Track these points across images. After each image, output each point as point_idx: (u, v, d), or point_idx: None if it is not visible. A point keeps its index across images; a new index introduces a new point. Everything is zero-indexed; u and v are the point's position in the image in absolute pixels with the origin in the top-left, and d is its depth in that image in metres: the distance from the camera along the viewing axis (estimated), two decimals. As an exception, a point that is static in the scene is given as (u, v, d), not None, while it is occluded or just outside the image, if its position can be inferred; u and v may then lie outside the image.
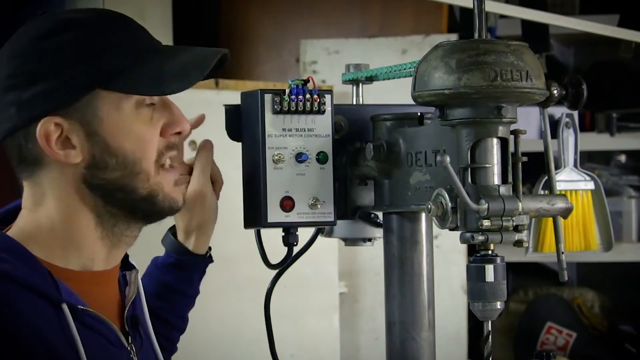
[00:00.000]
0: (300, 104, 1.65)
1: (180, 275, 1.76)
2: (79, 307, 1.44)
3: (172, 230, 1.77)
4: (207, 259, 1.78)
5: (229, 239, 2.68)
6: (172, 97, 1.53)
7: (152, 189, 1.50)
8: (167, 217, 1.58)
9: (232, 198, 1.87)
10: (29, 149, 1.47)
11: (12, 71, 1.46)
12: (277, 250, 1.71)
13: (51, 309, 1.41)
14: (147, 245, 1.63)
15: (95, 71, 1.45)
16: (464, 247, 3.41)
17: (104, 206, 1.49)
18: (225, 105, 1.71)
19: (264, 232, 1.73)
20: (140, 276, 1.64)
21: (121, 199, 1.49)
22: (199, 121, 1.73)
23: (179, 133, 1.54)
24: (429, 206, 1.49)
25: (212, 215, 1.73)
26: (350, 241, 1.80)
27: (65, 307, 1.42)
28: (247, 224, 1.70)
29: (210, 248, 1.79)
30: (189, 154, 1.64)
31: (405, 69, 1.68)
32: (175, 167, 1.55)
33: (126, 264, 1.61)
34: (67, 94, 1.45)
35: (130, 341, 1.53)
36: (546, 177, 1.63)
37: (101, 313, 1.48)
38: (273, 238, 1.73)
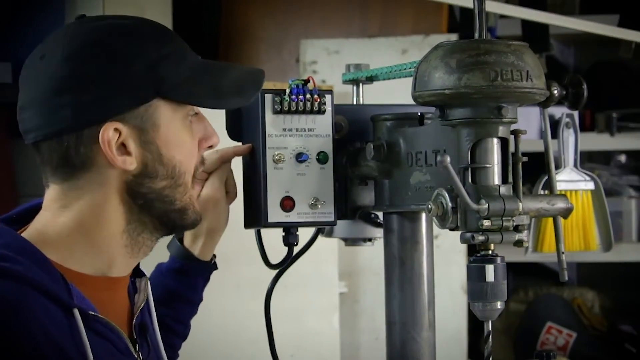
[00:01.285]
0: (301, 104, 1.65)
1: (185, 281, 1.75)
2: (90, 312, 1.44)
3: (178, 236, 1.77)
4: (211, 265, 1.78)
5: (229, 239, 2.68)
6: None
7: (187, 202, 1.52)
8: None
9: (232, 198, 1.86)
10: (79, 152, 1.45)
11: (68, 73, 1.44)
12: (277, 250, 1.71)
13: (62, 313, 1.41)
14: (153, 252, 1.62)
15: (157, 80, 1.46)
16: (464, 247, 3.41)
17: (139, 214, 1.49)
18: (226, 105, 1.71)
19: (264, 232, 1.73)
20: (149, 283, 1.62)
21: (158, 208, 1.50)
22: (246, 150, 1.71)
23: (211, 146, 1.57)
24: (429, 206, 1.49)
25: (222, 222, 1.73)
26: (350, 241, 1.80)
27: (76, 312, 1.41)
28: (247, 224, 1.70)
29: (214, 255, 1.78)
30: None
31: (405, 69, 1.68)
32: (199, 181, 1.60)
33: (136, 271, 1.60)
34: (128, 100, 1.45)
35: (137, 349, 1.52)
36: (546, 177, 1.63)
37: (111, 319, 1.47)
38: (273, 238, 1.73)
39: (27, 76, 1.49)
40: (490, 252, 1.49)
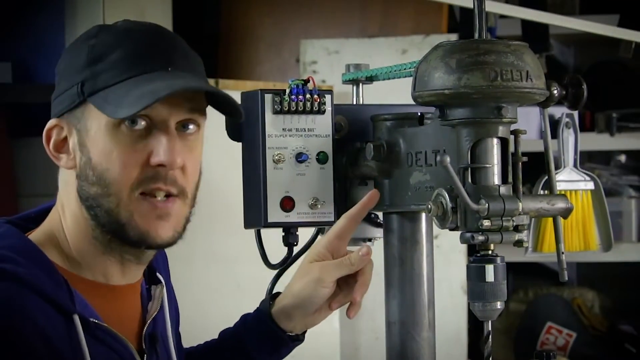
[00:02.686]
0: (300, 104, 1.65)
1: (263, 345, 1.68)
2: (92, 320, 1.43)
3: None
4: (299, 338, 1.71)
5: (229, 239, 2.69)
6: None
7: (124, 216, 1.45)
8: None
9: (232, 198, 1.87)
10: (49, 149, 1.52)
11: (56, 68, 1.52)
12: (277, 250, 1.71)
13: (62, 318, 1.40)
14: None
15: (89, 82, 1.46)
16: (464, 247, 3.41)
17: (91, 219, 1.47)
18: (226, 105, 1.70)
19: (264, 232, 1.73)
20: (165, 291, 1.60)
21: (100, 217, 1.46)
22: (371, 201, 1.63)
23: (161, 165, 1.46)
24: (429, 206, 1.49)
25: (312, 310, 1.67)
26: (350, 241, 1.79)
27: (76, 318, 1.41)
28: (247, 224, 1.70)
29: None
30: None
31: (405, 69, 1.68)
32: (163, 202, 1.47)
33: (152, 278, 1.58)
34: (68, 99, 1.48)
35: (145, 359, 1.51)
36: (546, 177, 1.63)
37: (118, 328, 1.46)
38: (273, 238, 1.73)
39: None
40: (490, 252, 1.49)
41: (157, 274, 1.59)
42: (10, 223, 1.50)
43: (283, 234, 1.69)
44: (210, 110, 1.55)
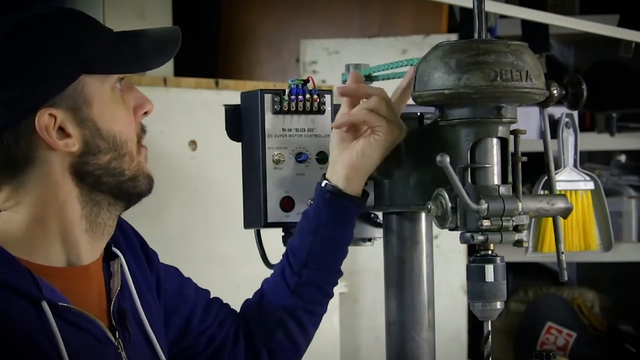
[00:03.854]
0: (300, 104, 1.65)
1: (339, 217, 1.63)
2: (60, 304, 1.44)
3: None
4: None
5: (229, 239, 2.68)
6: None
7: (136, 169, 1.53)
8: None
9: (232, 198, 1.87)
10: (20, 147, 1.46)
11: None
12: (277, 250, 1.71)
13: (31, 307, 1.41)
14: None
15: (78, 57, 1.47)
16: (464, 247, 3.41)
17: (90, 194, 1.50)
18: (225, 105, 1.71)
19: (263, 232, 1.73)
20: (124, 264, 1.59)
21: (108, 182, 1.50)
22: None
23: (146, 113, 1.57)
24: (429, 206, 1.49)
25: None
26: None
27: (45, 304, 1.42)
28: (247, 224, 1.70)
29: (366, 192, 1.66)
30: (189, 154, 1.63)
31: (403, 65, 1.67)
32: (145, 147, 1.58)
33: (109, 254, 1.58)
34: (54, 84, 1.46)
35: (117, 336, 1.52)
36: (546, 177, 1.63)
37: (87, 308, 1.47)
38: (273, 238, 1.73)
39: None
40: (490, 252, 1.49)
41: (113, 248, 1.59)
42: None
43: (283, 234, 1.69)
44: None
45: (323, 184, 1.60)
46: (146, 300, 1.61)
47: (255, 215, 1.66)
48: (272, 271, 1.75)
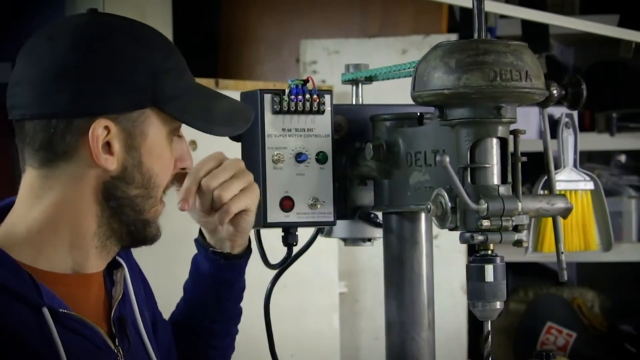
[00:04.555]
0: (300, 104, 1.65)
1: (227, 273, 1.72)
2: (61, 310, 1.43)
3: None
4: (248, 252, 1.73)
5: (229, 239, 2.68)
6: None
7: (153, 216, 1.52)
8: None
9: (231, 198, 1.86)
10: (65, 139, 1.44)
11: (73, 61, 1.43)
12: (277, 250, 1.71)
13: (31, 312, 1.40)
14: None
15: (156, 89, 1.46)
16: (464, 247, 3.41)
17: (109, 218, 1.49)
18: (225, 105, 1.70)
19: (263, 232, 1.72)
20: (126, 273, 1.60)
21: (128, 215, 1.49)
22: None
23: (184, 168, 1.56)
24: (429, 206, 1.49)
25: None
26: (350, 241, 1.80)
27: (45, 310, 1.41)
28: (247, 224, 1.70)
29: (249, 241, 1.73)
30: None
31: (404, 69, 1.68)
32: (164, 203, 1.56)
33: (112, 263, 1.58)
34: (126, 102, 1.45)
35: (117, 344, 1.51)
36: (546, 177, 1.63)
37: (88, 316, 1.47)
38: (273, 238, 1.73)
39: (30, 53, 1.48)
40: (489, 252, 1.49)
41: (117, 257, 1.58)
42: None
43: (282, 234, 1.69)
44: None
45: (210, 253, 1.68)
46: (141, 310, 1.61)
47: (255, 215, 1.66)
48: (271, 271, 1.75)
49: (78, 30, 1.46)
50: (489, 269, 1.48)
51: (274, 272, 1.76)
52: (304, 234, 1.72)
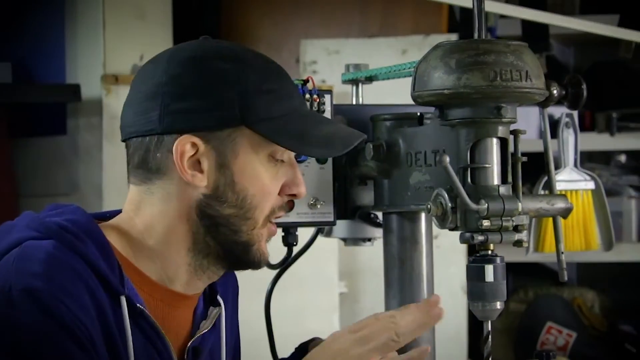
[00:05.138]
0: (300, 104, 1.65)
1: None
2: (138, 305, 1.45)
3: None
4: None
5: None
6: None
7: (252, 238, 1.50)
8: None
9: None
10: (156, 157, 1.47)
11: (165, 79, 1.47)
12: (277, 250, 1.71)
13: (109, 297, 1.42)
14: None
15: (248, 108, 1.46)
16: (464, 247, 3.41)
17: (205, 235, 1.49)
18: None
19: (263, 232, 1.72)
20: (223, 314, 1.61)
21: (223, 234, 1.49)
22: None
23: (294, 195, 1.53)
24: (429, 206, 1.49)
25: None
26: (350, 241, 1.80)
27: (123, 300, 1.43)
28: (247, 224, 1.70)
29: None
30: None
31: (405, 69, 1.68)
32: (274, 226, 1.54)
33: (213, 300, 1.60)
34: (214, 120, 1.46)
35: None
36: (546, 177, 1.63)
37: (166, 331, 1.48)
38: (273, 238, 1.73)
39: (137, 76, 1.53)
40: (489, 252, 1.49)
41: (218, 297, 1.60)
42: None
43: (283, 234, 1.69)
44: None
45: None
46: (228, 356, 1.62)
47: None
48: (272, 271, 1.75)
49: (176, 52, 1.50)
50: (489, 269, 1.48)
51: (274, 272, 1.76)
52: (304, 234, 1.72)
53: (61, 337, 1.35)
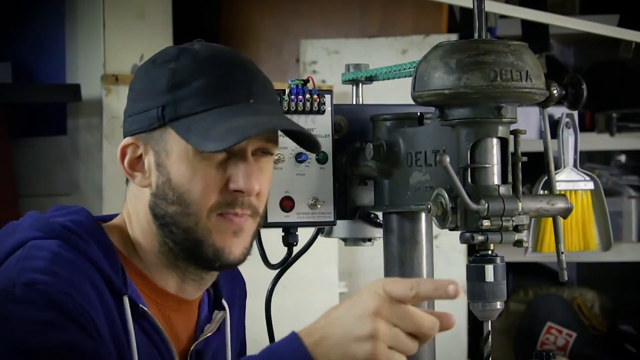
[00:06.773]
0: (300, 104, 1.65)
1: None
2: (140, 306, 1.46)
3: None
4: None
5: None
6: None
7: (199, 233, 1.49)
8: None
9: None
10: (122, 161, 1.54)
11: (130, 85, 1.54)
12: (277, 250, 1.71)
13: (112, 297, 1.44)
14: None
15: (171, 107, 1.48)
16: (464, 247, 3.41)
17: (163, 237, 1.51)
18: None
19: (263, 232, 1.72)
20: (227, 318, 1.61)
21: (175, 233, 1.50)
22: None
23: (238, 192, 1.49)
24: (429, 206, 1.49)
25: None
26: (350, 241, 1.80)
27: (126, 300, 1.45)
28: (247, 224, 1.70)
29: None
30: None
31: (405, 69, 1.68)
32: (238, 217, 1.50)
33: (218, 304, 1.61)
34: (148, 121, 1.49)
35: None
36: (546, 177, 1.63)
37: (167, 334, 1.49)
38: (273, 238, 1.73)
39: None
40: (489, 252, 1.49)
41: (223, 301, 1.61)
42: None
43: (283, 234, 1.69)
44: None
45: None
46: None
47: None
48: (272, 271, 1.75)
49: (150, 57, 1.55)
50: (489, 269, 1.48)
51: (274, 272, 1.76)
52: (304, 234, 1.72)
53: (68, 327, 1.36)
